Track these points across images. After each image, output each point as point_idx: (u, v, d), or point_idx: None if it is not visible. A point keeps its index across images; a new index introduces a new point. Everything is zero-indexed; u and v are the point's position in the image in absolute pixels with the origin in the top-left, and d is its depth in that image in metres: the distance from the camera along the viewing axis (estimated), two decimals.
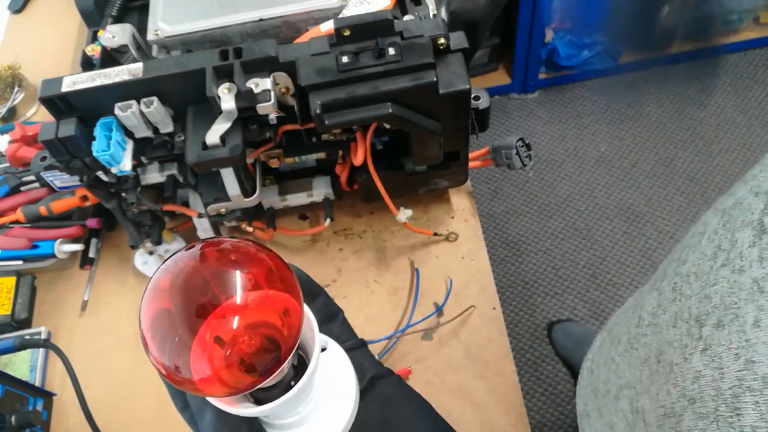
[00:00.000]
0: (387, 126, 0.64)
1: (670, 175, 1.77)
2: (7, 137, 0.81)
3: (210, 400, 0.27)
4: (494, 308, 0.71)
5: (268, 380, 0.24)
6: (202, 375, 0.23)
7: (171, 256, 0.25)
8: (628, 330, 0.49)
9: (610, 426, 0.51)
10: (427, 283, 0.74)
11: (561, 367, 1.49)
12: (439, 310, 0.71)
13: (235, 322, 0.23)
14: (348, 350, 0.32)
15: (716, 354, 0.34)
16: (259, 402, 0.28)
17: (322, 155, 0.70)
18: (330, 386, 0.30)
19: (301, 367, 0.28)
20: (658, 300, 0.43)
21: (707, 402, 0.34)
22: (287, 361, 0.25)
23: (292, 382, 0.27)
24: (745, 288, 0.33)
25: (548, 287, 1.61)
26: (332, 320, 0.34)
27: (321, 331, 0.29)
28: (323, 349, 0.31)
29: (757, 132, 1.82)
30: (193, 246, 0.25)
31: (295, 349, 0.25)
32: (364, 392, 0.31)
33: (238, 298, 0.23)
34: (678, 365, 0.38)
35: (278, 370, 0.25)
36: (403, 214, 0.71)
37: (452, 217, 0.78)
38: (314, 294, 0.33)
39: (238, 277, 0.23)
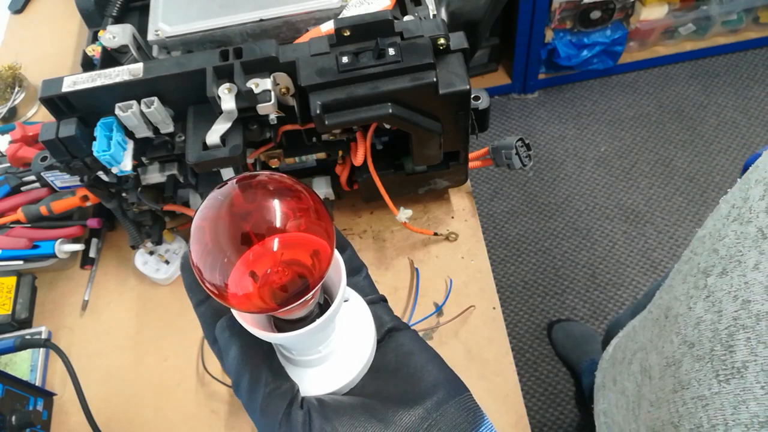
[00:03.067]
0: (387, 126, 0.64)
1: (669, 175, 1.77)
2: (7, 137, 0.81)
3: (246, 326, 0.29)
4: (494, 308, 0.71)
5: (299, 302, 0.28)
6: (245, 291, 0.26)
7: (222, 185, 0.28)
8: (652, 300, 0.51)
9: (622, 391, 0.52)
10: (426, 283, 0.74)
11: (561, 366, 1.49)
12: (438, 310, 0.72)
13: (275, 245, 0.26)
14: (369, 303, 0.35)
15: (717, 299, 0.35)
16: None
17: (322, 155, 0.70)
18: (350, 333, 0.33)
19: (325, 307, 0.31)
20: (677, 266, 0.44)
21: (704, 344, 0.35)
22: (317, 287, 0.28)
23: (317, 320, 0.30)
24: (750, 236, 0.34)
25: (548, 287, 1.61)
26: (356, 274, 0.36)
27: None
28: (345, 300, 0.34)
29: (757, 132, 1.82)
30: (245, 178, 0.28)
31: (321, 283, 0.28)
32: (382, 342, 0.34)
33: (278, 222, 0.26)
34: (682, 315, 0.39)
35: (310, 293, 0.28)
36: (403, 214, 0.71)
37: (452, 217, 0.78)
38: (342, 247, 0.35)
39: (281, 214, 0.26)
